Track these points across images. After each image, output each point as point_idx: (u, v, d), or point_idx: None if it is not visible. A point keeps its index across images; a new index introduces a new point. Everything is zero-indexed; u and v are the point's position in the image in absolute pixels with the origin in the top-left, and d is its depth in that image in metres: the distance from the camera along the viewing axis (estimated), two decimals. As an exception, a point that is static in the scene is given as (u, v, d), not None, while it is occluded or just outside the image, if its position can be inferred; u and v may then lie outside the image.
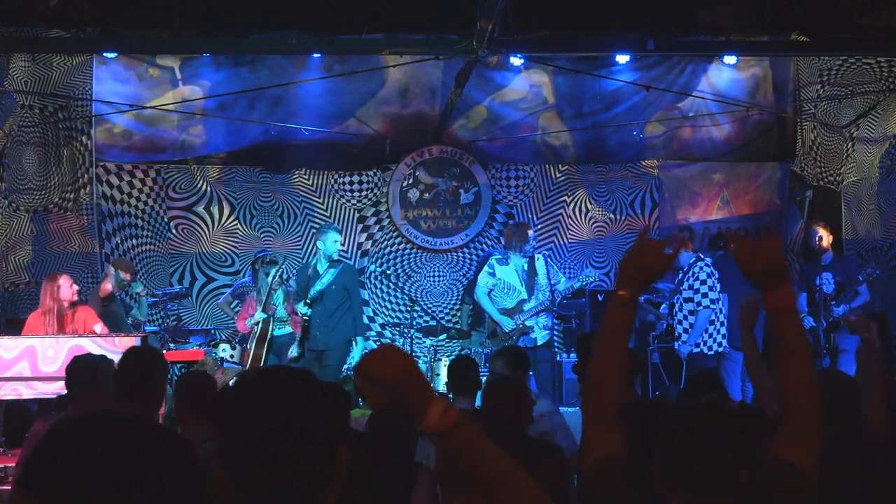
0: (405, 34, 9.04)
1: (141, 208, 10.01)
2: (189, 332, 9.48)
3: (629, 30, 9.15)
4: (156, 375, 3.71)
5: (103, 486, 1.25)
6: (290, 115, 9.94)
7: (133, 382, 3.62)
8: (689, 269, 7.80)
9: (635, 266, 2.12)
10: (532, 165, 10.59)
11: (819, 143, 10.14)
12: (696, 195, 10.65)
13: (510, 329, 8.04)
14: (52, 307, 7.30)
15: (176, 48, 9.25)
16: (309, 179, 10.32)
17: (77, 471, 1.26)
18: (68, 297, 7.37)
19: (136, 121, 9.89)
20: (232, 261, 10.15)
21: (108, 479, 1.26)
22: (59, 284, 7.36)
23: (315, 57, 9.52)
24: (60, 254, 9.56)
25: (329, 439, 1.47)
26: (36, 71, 9.34)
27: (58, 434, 1.31)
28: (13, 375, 6.74)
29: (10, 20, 8.79)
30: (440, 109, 10.15)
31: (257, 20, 9.11)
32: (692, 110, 10.44)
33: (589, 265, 10.46)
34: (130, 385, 3.61)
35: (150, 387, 3.65)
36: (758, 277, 2.12)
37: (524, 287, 8.13)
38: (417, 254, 10.45)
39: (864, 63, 9.55)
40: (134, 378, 3.63)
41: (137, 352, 3.73)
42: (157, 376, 3.73)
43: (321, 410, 1.48)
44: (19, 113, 9.39)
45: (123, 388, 3.61)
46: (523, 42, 8.32)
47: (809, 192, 9.53)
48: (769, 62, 10.33)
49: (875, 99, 9.58)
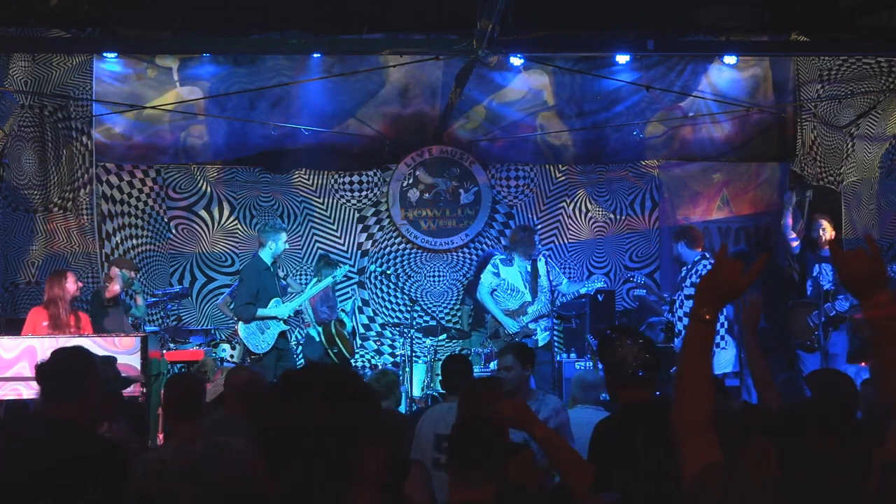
0: (405, 34, 9.04)
1: (141, 208, 10.01)
2: (189, 332, 9.48)
3: (629, 30, 9.15)
4: (90, 377, 3.57)
5: (24, 492, 1.26)
6: (290, 115, 9.94)
7: (63, 385, 3.49)
8: (693, 266, 7.82)
9: (714, 286, 2.13)
10: (532, 165, 10.60)
11: (819, 143, 10.14)
12: (696, 195, 10.65)
13: (514, 331, 8.03)
14: (59, 296, 7.51)
15: (176, 48, 9.25)
16: (309, 179, 10.32)
17: None
18: (73, 290, 7.65)
19: (136, 121, 9.89)
20: (232, 261, 10.15)
21: (30, 483, 1.27)
22: (67, 278, 7.65)
23: (315, 57, 9.52)
24: (60, 254, 9.56)
25: (356, 440, 1.49)
26: (36, 71, 9.33)
27: None
28: (13, 375, 6.74)
29: (10, 20, 8.78)
30: (440, 109, 10.16)
31: (257, 20, 9.10)
32: (692, 110, 10.44)
33: (589, 265, 10.47)
34: (59, 387, 3.48)
35: (84, 389, 3.51)
36: (857, 284, 2.10)
37: (528, 289, 8.13)
38: (417, 254, 10.46)
39: (864, 63, 9.55)
40: (64, 380, 3.50)
41: (67, 353, 3.59)
42: (92, 378, 3.58)
43: (349, 411, 1.50)
44: (19, 113, 9.38)
45: (53, 390, 3.44)
46: (523, 42, 8.31)
47: (809, 191, 9.53)
48: (769, 62, 10.33)
49: (875, 99, 9.57)
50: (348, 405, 1.51)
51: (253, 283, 7.91)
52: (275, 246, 7.99)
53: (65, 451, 1.17)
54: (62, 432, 2.99)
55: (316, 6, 8.84)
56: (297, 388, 1.53)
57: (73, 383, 3.43)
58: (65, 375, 3.43)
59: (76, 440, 2.87)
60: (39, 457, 1.18)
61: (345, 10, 8.87)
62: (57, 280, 7.64)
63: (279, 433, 1.48)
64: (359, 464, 1.50)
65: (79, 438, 2.93)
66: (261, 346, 7.84)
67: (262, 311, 7.85)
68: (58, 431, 2.99)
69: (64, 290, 7.56)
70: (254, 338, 7.86)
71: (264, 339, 7.86)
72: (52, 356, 3.49)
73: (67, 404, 3.35)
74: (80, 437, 2.98)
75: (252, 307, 7.81)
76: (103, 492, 1.26)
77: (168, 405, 4.19)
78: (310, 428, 1.47)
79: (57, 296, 7.54)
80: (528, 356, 5.28)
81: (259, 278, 7.95)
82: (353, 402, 1.53)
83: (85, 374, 3.47)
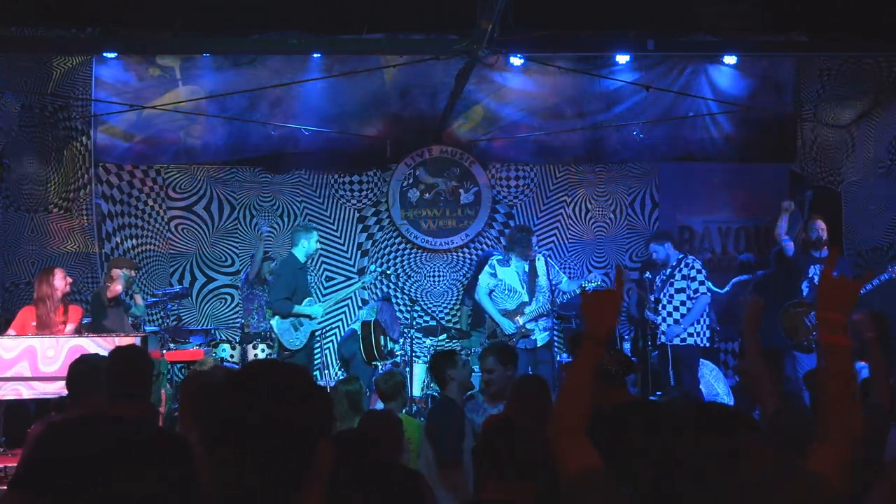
0: (405, 34, 9.03)
1: (141, 208, 10.02)
2: (189, 332, 9.48)
3: (629, 30, 9.14)
4: (147, 375, 3.65)
5: (98, 490, 1.25)
6: (290, 115, 9.94)
7: (125, 383, 3.55)
8: (679, 263, 8.03)
9: (598, 314, 2.31)
10: (532, 165, 10.59)
11: (819, 143, 10.14)
12: (696, 195, 10.64)
13: (511, 332, 8.04)
14: (47, 294, 7.40)
15: (176, 48, 9.24)
16: (309, 179, 10.32)
17: (72, 473, 1.26)
18: (62, 287, 7.54)
19: (136, 121, 9.88)
20: (232, 261, 10.15)
21: (103, 482, 1.26)
22: (54, 275, 7.53)
23: (315, 57, 9.51)
24: (60, 254, 9.56)
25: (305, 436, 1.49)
26: (36, 71, 9.33)
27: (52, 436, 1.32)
28: (13, 375, 6.74)
29: (10, 20, 8.78)
30: (440, 109, 10.15)
31: (257, 20, 9.09)
32: (692, 110, 10.43)
33: (589, 265, 10.47)
34: (122, 386, 3.54)
35: (143, 387, 3.58)
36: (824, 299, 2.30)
37: (525, 289, 8.13)
38: (417, 254, 10.46)
39: (864, 63, 9.56)
40: (125, 379, 3.56)
41: (127, 352, 3.63)
42: (148, 376, 3.67)
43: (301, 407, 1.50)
44: (19, 113, 9.38)
45: (116, 389, 3.55)
46: (523, 42, 8.32)
47: (809, 191, 9.53)
48: (769, 62, 10.33)
49: (875, 99, 9.58)
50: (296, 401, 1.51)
51: (290, 279, 8.17)
52: (307, 245, 8.27)
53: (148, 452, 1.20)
54: (144, 431, 3.05)
55: (316, 6, 8.83)
56: (246, 383, 1.53)
57: (141, 382, 3.49)
58: (131, 375, 3.48)
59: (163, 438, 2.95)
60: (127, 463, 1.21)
61: (345, 10, 8.86)
62: (45, 278, 7.52)
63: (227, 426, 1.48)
64: (308, 460, 1.49)
65: (160, 436, 2.99)
66: (294, 343, 8.07)
67: (299, 308, 8.11)
68: (139, 431, 3.05)
69: (52, 288, 7.46)
70: (288, 334, 8.08)
71: (297, 337, 8.10)
72: (115, 356, 3.55)
73: (132, 403, 3.40)
74: (159, 435, 3.05)
75: (290, 303, 8.08)
76: (179, 488, 1.29)
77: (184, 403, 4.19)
78: (257, 422, 1.46)
79: (45, 294, 7.43)
80: (508, 356, 5.33)
81: (294, 276, 8.22)
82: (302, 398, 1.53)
83: (152, 372, 3.57)
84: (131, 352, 3.61)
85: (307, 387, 1.56)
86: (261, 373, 1.57)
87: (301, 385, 1.55)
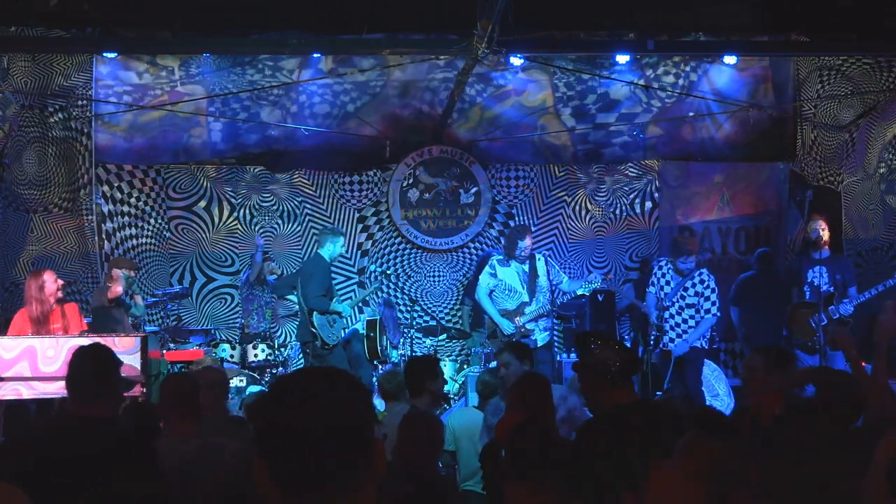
0: (405, 34, 9.03)
1: (141, 208, 10.02)
2: (189, 332, 9.48)
3: (629, 30, 9.14)
4: (113, 375, 3.57)
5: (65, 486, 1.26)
6: (290, 115, 9.94)
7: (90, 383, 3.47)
8: (690, 274, 7.80)
9: None
10: (532, 165, 10.60)
11: (819, 143, 10.14)
12: (696, 195, 10.64)
13: (510, 332, 8.03)
14: (36, 297, 7.20)
15: (176, 48, 9.24)
16: (309, 179, 10.32)
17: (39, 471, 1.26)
18: (52, 291, 7.27)
19: (136, 121, 9.89)
20: (232, 261, 10.15)
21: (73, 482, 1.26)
22: (44, 279, 7.26)
23: (315, 57, 9.52)
24: (60, 254, 9.56)
25: (364, 437, 1.50)
26: (36, 71, 9.33)
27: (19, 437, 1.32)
28: (13, 375, 6.72)
29: (10, 20, 8.78)
30: (440, 109, 10.15)
31: (257, 20, 9.09)
32: (692, 110, 10.44)
33: (589, 265, 10.47)
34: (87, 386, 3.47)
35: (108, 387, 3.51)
36: None
37: (525, 289, 8.13)
38: (417, 254, 10.46)
39: (864, 63, 9.56)
40: (90, 379, 3.49)
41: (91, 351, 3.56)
42: (114, 375, 3.59)
43: (356, 408, 1.51)
44: (19, 113, 9.38)
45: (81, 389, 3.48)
46: (523, 42, 8.31)
47: (809, 191, 9.53)
48: (769, 62, 10.33)
49: (875, 99, 9.58)
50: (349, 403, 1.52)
51: (323, 277, 8.33)
52: (332, 248, 8.38)
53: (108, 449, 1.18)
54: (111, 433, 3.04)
55: (316, 6, 8.84)
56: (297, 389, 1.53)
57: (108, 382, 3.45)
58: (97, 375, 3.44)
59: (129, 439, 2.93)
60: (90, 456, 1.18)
61: (345, 10, 8.86)
62: (34, 281, 7.28)
63: (282, 434, 1.47)
64: (366, 460, 1.50)
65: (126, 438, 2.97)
66: (332, 338, 8.23)
67: (332, 305, 8.33)
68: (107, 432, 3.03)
69: (42, 291, 7.21)
70: (325, 329, 8.23)
71: (333, 332, 8.26)
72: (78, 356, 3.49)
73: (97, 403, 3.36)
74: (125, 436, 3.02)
75: (326, 300, 8.25)
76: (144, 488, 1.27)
77: (163, 403, 4.20)
78: (314, 427, 1.46)
79: (34, 297, 7.20)
80: (524, 352, 5.41)
81: (326, 275, 8.39)
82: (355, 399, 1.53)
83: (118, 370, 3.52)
84: (95, 351, 3.56)
85: (359, 389, 1.56)
86: (316, 380, 1.56)
87: (355, 388, 1.55)
